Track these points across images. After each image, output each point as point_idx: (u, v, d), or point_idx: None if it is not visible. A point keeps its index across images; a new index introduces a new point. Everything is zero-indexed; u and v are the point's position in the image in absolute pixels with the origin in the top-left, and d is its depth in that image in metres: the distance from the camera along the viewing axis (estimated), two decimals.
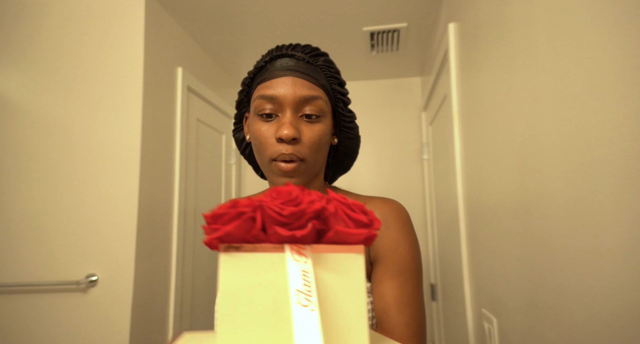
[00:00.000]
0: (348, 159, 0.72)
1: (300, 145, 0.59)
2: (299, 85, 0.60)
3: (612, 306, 0.48)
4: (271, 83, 0.61)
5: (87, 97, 1.46)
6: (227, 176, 2.34)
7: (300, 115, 0.60)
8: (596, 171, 0.51)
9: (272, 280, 0.24)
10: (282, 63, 0.62)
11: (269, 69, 0.63)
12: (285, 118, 0.59)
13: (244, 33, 1.89)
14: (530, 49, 0.72)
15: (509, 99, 0.85)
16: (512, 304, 0.87)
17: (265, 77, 0.62)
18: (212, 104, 2.11)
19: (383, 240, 0.62)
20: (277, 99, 0.60)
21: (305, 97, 0.59)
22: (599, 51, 0.49)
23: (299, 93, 0.59)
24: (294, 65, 0.62)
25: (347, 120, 0.67)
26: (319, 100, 0.60)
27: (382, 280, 0.60)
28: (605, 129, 0.48)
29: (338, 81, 0.65)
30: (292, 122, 0.59)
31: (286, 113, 0.60)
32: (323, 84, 0.62)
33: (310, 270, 0.24)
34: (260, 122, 0.61)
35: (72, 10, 1.50)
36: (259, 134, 0.61)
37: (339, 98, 0.65)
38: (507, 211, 0.88)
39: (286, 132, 0.57)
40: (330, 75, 0.64)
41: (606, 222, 0.49)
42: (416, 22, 1.80)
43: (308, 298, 0.23)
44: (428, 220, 2.25)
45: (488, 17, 0.98)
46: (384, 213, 0.64)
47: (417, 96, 2.51)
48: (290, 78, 0.60)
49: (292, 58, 0.63)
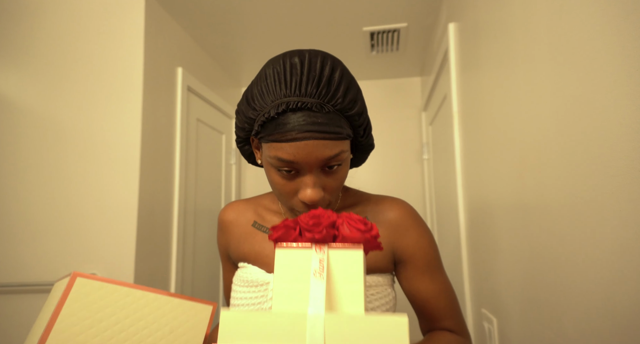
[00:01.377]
0: (363, 159, 0.68)
1: (324, 194, 0.56)
2: (321, 147, 0.52)
3: (612, 306, 0.48)
4: (289, 146, 0.52)
5: (87, 96, 1.46)
6: (227, 176, 2.34)
7: (322, 168, 0.55)
8: (596, 171, 0.51)
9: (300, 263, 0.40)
10: (297, 121, 0.51)
11: (281, 124, 0.52)
12: (308, 179, 0.54)
13: (244, 33, 1.89)
14: (530, 48, 0.72)
15: (508, 99, 0.85)
16: (512, 304, 0.87)
17: (278, 137, 0.52)
18: (212, 104, 2.11)
19: (406, 241, 0.66)
20: (296, 163, 0.53)
21: (328, 157, 0.53)
22: (599, 51, 0.49)
23: (321, 157, 0.53)
24: (311, 123, 0.51)
25: (363, 140, 0.61)
26: (343, 154, 0.55)
27: (415, 278, 0.65)
28: (605, 129, 0.48)
29: (356, 112, 0.56)
30: (315, 183, 0.54)
31: (306, 174, 0.54)
32: (346, 134, 0.55)
33: (325, 258, 0.40)
34: (277, 174, 0.56)
35: (72, 10, 1.50)
36: (277, 184, 0.57)
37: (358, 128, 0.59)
38: (507, 211, 0.88)
39: (310, 197, 0.54)
40: (350, 114, 0.55)
41: (606, 222, 0.49)
42: (416, 22, 1.80)
43: (320, 273, 0.39)
44: (428, 220, 2.25)
45: (488, 17, 0.98)
46: (400, 214, 0.67)
47: (417, 96, 2.51)
48: (310, 143, 0.52)
49: (308, 113, 0.52)
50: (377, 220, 0.66)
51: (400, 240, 0.65)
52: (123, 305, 0.54)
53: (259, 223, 0.70)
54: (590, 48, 0.51)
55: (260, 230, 0.69)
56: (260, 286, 0.64)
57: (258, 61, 2.23)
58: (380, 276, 0.65)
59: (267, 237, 0.66)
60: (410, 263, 0.65)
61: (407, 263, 0.65)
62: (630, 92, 0.43)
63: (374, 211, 0.67)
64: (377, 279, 0.64)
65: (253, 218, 0.72)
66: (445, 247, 1.77)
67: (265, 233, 0.68)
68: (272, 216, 0.70)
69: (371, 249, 0.42)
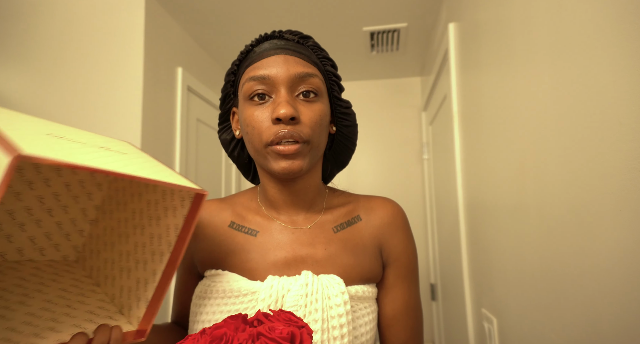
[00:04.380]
0: (346, 151, 0.66)
1: (301, 125, 0.53)
2: (292, 62, 0.54)
3: (612, 305, 0.48)
4: (261, 63, 0.55)
5: (87, 96, 1.46)
6: (227, 176, 2.34)
7: (297, 95, 0.55)
8: (596, 171, 0.51)
9: None
10: (271, 44, 0.57)
11: (257, 52, 0.57)
12: (281, 97, 0.53)
13: (244, 33, 1.89)
14: (530, 48, 0.72)
15: (508, 99, 0.85)
16: (512, 304, 0.87)
17: (254, 59, 0.56)
18: (212, 104, 2.11)
19: (394, 241, 0.63)
20: (269, 79, 0.54)
21: (300, 74, 0.54)
22: (599, 51, 0.49)
23: (292, 71, 0.54)
24: (284, 44, 0.57)
25: (343, 106, 0.62)
26: (315, 78, 0.55)
27: (395, 283, 0.62)
28: (604, 129, 0.48)
29: (331, 63, 0.61)
30: (288, 100, 0.53)
31: (280, 92, 0.53)
32: (316, 62, 0.58)
33: None
34: (251, 108, 0.55)
35: (72, 10, 1.51)
36: (251, 119, 0.54)
37: (334, 81, 0.60)
38: (507, 211, 0.88)
39: (284, 111, 0.51)
40: (323, 56, 0.60)
41: (606, 222, 0.49)
42: (416, 22, 1.80)
43: None
44: (428, 220, 2.25)
45: (488, 17, 0.98)
46: (393, 212, 0.64)
47: (417, 96, 2.51)
48: (281, 57, 0.55)
49: (281, 39, 0.58)
50: (369, 217, 0.63)
51: (389, 239, 0.62)
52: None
53: (238, 224, 0.62)
54: (590, 48, 0.51)
55: (240, 231, 0.61)
56: (244, 296, 0.54)
57: None
58: (371, 286, 0.60)
59: (250, 240, 0.59)
60: (394, 266, 0.62)
61: (391, 267, 0.62)
62: (630, 92, 0.43)
63: (366, 208, 0.64)
64: (371, 290, 0.59)
65: (230, 218, 0.63)
66: (445, 247, 1.77)
67: (246, 234, 0.60)
68: (252, 215, 0.62)
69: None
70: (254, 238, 0.60)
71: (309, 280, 0.54)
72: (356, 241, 0.61)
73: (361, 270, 0.59)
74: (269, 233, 0.60)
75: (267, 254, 0.58)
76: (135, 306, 0.51)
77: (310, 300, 0.52)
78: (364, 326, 0.56)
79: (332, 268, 0.57)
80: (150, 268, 0.52)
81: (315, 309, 0.52)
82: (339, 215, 0.63)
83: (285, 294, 0.53)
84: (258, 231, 0.60)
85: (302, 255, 0.58)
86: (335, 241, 0.60)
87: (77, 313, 0.49)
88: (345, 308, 0.53)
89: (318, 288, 0.53)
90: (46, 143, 0.38)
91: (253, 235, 0.60)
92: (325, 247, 0.59)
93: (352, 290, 0.56)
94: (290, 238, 0.59)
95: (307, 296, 0.52)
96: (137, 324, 0.49)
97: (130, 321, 0.51)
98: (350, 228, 0.62)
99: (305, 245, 0.59)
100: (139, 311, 0.50)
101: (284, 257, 0.58)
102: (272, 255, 0.58)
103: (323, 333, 0.52)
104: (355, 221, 0.63)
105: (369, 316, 0.58)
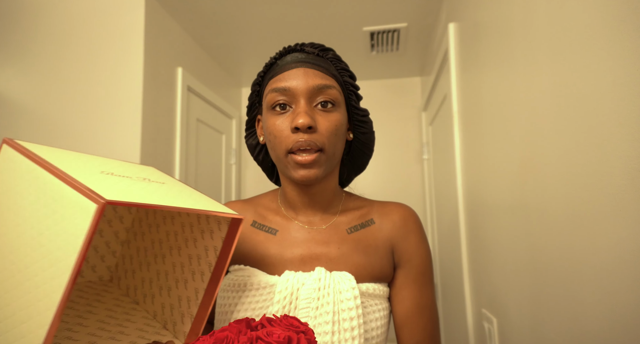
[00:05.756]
0: (363, 156, 0.71)
1: (318, 134, 0.57)
2: (311, 75, 0.59)
3: (612, 305, 0.48)
4: (282, 76, 0.60)
5: (87, 96, 1.46)
6: (227, 176, 2.34)
7: (315, 105, 0.59)
8: (595, 171, 0.51)
9: None
10: (293, 57, 0.62)
11: (279, 64, 0.62)
12: (300, 107, 0.58)
13: (243, 33, 1.89)
14: (530, 48, 0.72)
15: (509, 99, 0.85)
16: (512, 304, 0.87)
17: (276, 71, 0.62)
18: (212, 104, 2.11)
19: (406, 243, 0.66)
20: (289, 90, 0.58)
21: (319, 86, 0.59)
22: (599, 51, 0.49)
23: (311, 83, 0.58)
24: (304, 58, 0.61)
25: (360, 114, 0.66)
26: (332, 89, 0.60)
27: (405, 283, 0.65)
28: (605, 129, 0.48)
29: (349, 74, 0.65)
30: (307, 111, 0.57)
31: (300, 103, 0.58)
32: (335, 74, 0.62)
33: None
34: (274, 117, 0.60)
35: (72, 10, 1.51)
36: (274, 128, 0.59)
37: (352, 90, 0.65)
38: (507, 211, 0.88)
39: (302, 121, 0.55)
40: (341, 68, 0.64)
41: (605, 222, 0.49)
42: (416, 22, 1.80)
43: None
44: (428, 220, 2.25)
45: (488, 17, 0.98)
46: (405, 216, 0.67)
47: (417, 96, 2.51)
48: (301, 70, 0.60)
49: (302, 52, 0.63)
50: (382, 220, 0.67)
51: (401, 241, 0.65)
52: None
53: (260, 223, 0.68)
54: (590, 48, 0.51)
55: (262, 229, 0.67)
56: (262, 289, 0.60)
57: (258, 61, 2.23)
58: (383, 285, 0.64)
59: (270, 238, 0.65)
60: (405, 267, 0.65)
61: (402, 268, 0.65)
62: (630, 92, 0.43)
63: (379, 213, 0.68)
64: (382, 288, 0.63)
65: (252, 218, 0.69)
66: (445, 247, 1.77)
67: (267, 233, 0.66)
68: (273, 215, 0.68)
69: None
70: (274, 236, 0.65)
71: (322, 275, 0.59)
72: (368, 242, 0.65)
73: (372, 269, 0.62)
74: (288, 232, 0.66)
75: (285, 251, 0.63)
76: (180, 322, 0.56)
77: (322, 294, 0.57)
78: (375, 321, 0.60)
79: (344, 266, 0.62)
80: (191, 287, 0.57)
81: (327, 302, 0.57)
82: (354, 218, 0.67)
83: (300, 288, 0.58)
84: (278, 230, 0.66)
85: (317, 252, 0.63)
86: (349, 242, 0.64)
87: (130, 331, 0.54)
88: (355, 303, 0.57)
89: (330, 283, 0.58)
90: (109, 183, 0.44)
91: (273, 234, 0.66)
92: (338, 246, 0.63)
93: (362, 287, 0.60)
94: (306, 237, 0.64)
95: (320, 290, 0.57)
96: (183, 339, 0.54)
97: (176, 336, 0.56)
98: (363, 230, 0.66)
99: (320, 243, 0.64)
100: (185, 327, 0.55)
101: (300, 254, 0.63)
102: (289, 252, 0.63)
103: (334, 324, 0.56)
104: (369, 224, 0.67)
105: (379, 312, 0.61)
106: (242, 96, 2.67)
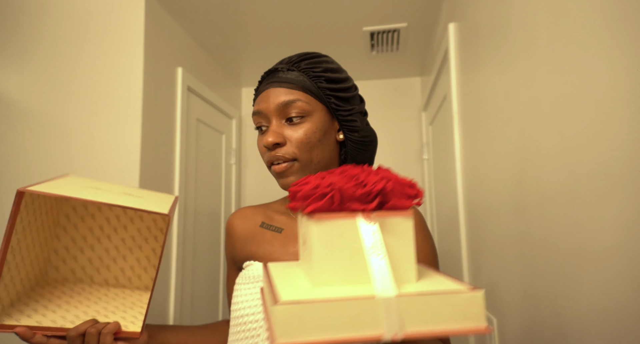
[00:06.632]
0: (362, 152, 0.73)
1: (287, 147, 0.64)
2: (276, 94, 0.64)
3: (611, 304, 0.48)
4: (258, 100, 0.68)
5: (87, 97, 1.46)
6: (227, 176, 2.34)
7: (286, 121, 0.65)
8: (595, 171, 0.51)
9: (348, 237, 0.35)
10: (266, 79, 0.69)
11: (259, 89, 0.70)
12: (271, 126, 0.65)
13: (243, 33, 1.89)
14: (530, 48, 0.72)
15: (508, 99, 0.85)
16: (512, 304, 0.87)
17: (255, 96, 0.70)
18: (212, 104, 2.11)
19: None
20: (262, 112, 0.66)
21: (283, 102, 0.63)
22: (599, 51, 0.49)
23: (276, 102, 0.64)
24: (272, 78, 0.67)
25: (344, 114, 0.68)
26: (298, 102, 0.64)
27: None
28: (604, 129, 0.48)
29: (326, 78, 0.66)
30: (274, 129, 0.64)
31: (272, 122, 0.65)
32: (303, 86, 0.65)
33: (378, 230, 0.35)
34: (259, 137, 0.69)
35: (72, 10, 1.50)
36: (258, 147, 0.69)
37: (329, 94, 0.66)
38: (507, 210, 0.88)
39: (267, 140, 0.63)
40: (315, 75, 0.66)
41: (605, 222, 0.49)
42: (416, 22, 1.80)
43: (379, 251, 0.34)
44: (428, 220, 2.25)
45: (488, 17, 0.98)
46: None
47: (417, 96, 2.51)
48: (270, 90, 0.65)
49: (275, 72, 0.68)
50: None
51: None
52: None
53: (267, 223, 0.74)
54: (590, 48, 0.51)
55: (269, 229, 0.72)
56: None
57: (258, 61, 2.23)
58: None
59: (276, 236, 0.71)
60: None
61: None
62: (630, 92, 0.43)
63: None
64: None
65: (261, 219, 0.75)
66: (444, 247, 1.78)
67: (273, 232, 0.72)
68: (279, 216, 0.74)
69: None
70: (279, 234, 0.71)
71: None
72: None
73: None
74: (291, 230, 0.71)
75: (288, 246, 0.69)
76: (144, 274, 0.76)
77: None
78: None
79: None
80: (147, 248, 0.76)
81: None
82: None
83: None
84: (283, 228, 0.72)
85: None
86: None
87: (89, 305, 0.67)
88: None
89: None
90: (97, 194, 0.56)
91: (279, 232, 0.71)
92: None
93: None
94: None
95: None
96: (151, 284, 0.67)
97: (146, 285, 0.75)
98: None
99: None
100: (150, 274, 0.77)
101: None
102: (291, 247, 0.69)
103: None
104: None
105: None
106: (242, 96, 2.67)
